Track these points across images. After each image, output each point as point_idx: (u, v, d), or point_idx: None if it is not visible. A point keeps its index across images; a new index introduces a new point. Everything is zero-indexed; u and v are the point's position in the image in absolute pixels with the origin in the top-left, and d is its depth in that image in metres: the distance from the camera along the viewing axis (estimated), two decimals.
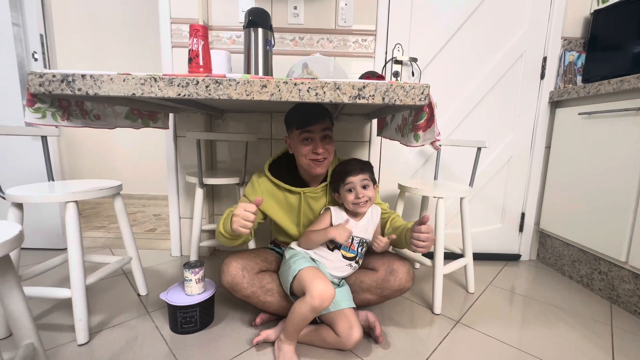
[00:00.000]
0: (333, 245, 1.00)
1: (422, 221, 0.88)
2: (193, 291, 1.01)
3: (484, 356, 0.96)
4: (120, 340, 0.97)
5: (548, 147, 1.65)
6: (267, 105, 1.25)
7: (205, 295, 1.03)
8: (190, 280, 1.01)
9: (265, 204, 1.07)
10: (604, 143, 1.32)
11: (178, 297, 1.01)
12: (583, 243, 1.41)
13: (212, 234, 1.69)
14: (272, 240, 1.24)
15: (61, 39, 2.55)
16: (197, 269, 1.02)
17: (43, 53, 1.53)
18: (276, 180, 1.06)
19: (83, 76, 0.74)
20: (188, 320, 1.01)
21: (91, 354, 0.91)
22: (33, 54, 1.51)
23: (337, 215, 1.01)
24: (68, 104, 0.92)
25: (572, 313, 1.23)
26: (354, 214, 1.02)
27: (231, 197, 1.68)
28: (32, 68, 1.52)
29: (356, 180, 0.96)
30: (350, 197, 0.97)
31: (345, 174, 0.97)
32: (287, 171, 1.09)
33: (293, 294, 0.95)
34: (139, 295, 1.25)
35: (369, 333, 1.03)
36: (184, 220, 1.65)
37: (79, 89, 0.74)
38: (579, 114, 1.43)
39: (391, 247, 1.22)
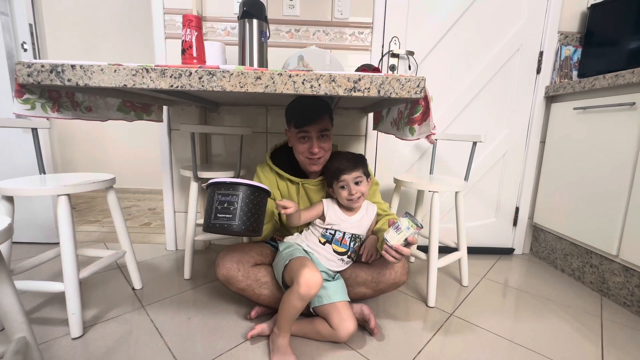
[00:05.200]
0: (324, 239, 1.00)
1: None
2: None
3: (477, 348, 0.97)
4: (115, 334, 0.97)
5: (543, 142, 1.66)
6: (263, 98, 1.24)
7: (252, 183, 0.80)
8: None
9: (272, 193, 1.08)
10: (597, 138, 1.33)
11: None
12: (575, 237, 1.43)
13: None
14: None
15: (52, 29, 2.50)
16: None
17: (33, 43, 1.50)
18: (279, 170, 1.06)
19: (73, 66, 0.72)
20: (225, 207, 0.77)
21: (85, 348, 0.91)
22: (22, 44, 1.48)
23: (330, 207, 1.01)
24: (58, 95, 0.91)
25: (564, 305, 1.24)
26: (348, 209, 1.02)
27: None
28: (21, 58, 1.48)
29: (349, 178, 0.96)
30: (344, 193, 0.98)
31: (339, 172, 0.97)
32: (287, 161, 1.10)
33: (285, 285, 0.95)
34: (133, 289, 1.25)
35: (363, 326, 1.03)
36: (178, 214, 1.64)
37: (69, 80, 0.72)
38: (574, 108, 1.43)
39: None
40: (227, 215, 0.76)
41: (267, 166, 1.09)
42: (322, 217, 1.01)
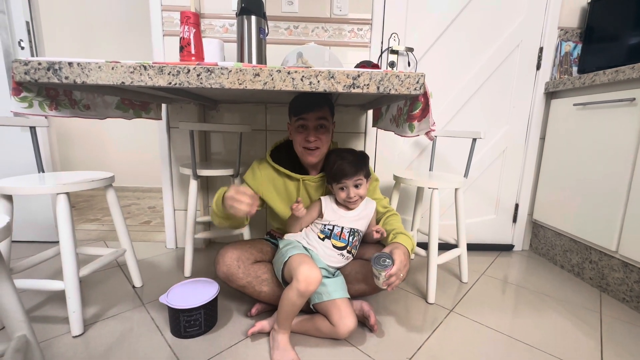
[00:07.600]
0: (323, 235, 1.01)
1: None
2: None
3: (477, 344, 0.98)
4: (115, 332, 0.97)
5: (543, 139, 1.66)
6: (262, 96, 1.24)
7: (210, 296, 0.98)
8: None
9: (264, 189, 1.08)
10: (597, 134, 1.32)
11: (180, 299, 0.96)
12: (575, 233, 1.43)
13: (207, 225, 1.69)
14: (267, 232, 1.24)
15: (49, 27, 2.49)
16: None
17: (30, 41, 1.49)
18: (276, 166, 1.06)
19: (70, 64, 0.71)
20: (192, 324, 0.95)
21: (86, 345, 0.91)
22: (19, 42, 1.47)
23: (328, 205, 1.02)
24: (56, 93, 0.90)
25: (563, 301, 1.25)
26: (345, 206, 1.02)
27: None
28: (18, 56, 1.47)
29: (350, 182, 0.97)
30: (342, 195, 0.99)
31: (341, 175, 0.97)
32: (288, 158, 1.10)
33: (285, 282, 0.95)
34: (134, 287, 1.25)
35: (363, 322, 1.04)
36: (178, 212, 1.64)
37: (66, 77, 0.72)
38: (574, 104, 1.43)
39: None
40: (194, 328, 0.96)
41: (265, 162, 1.09)
42: (321, 214, 1.02)
